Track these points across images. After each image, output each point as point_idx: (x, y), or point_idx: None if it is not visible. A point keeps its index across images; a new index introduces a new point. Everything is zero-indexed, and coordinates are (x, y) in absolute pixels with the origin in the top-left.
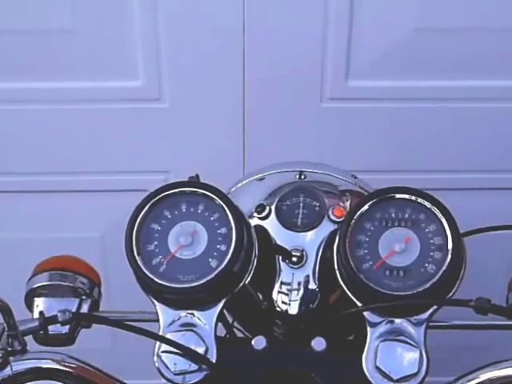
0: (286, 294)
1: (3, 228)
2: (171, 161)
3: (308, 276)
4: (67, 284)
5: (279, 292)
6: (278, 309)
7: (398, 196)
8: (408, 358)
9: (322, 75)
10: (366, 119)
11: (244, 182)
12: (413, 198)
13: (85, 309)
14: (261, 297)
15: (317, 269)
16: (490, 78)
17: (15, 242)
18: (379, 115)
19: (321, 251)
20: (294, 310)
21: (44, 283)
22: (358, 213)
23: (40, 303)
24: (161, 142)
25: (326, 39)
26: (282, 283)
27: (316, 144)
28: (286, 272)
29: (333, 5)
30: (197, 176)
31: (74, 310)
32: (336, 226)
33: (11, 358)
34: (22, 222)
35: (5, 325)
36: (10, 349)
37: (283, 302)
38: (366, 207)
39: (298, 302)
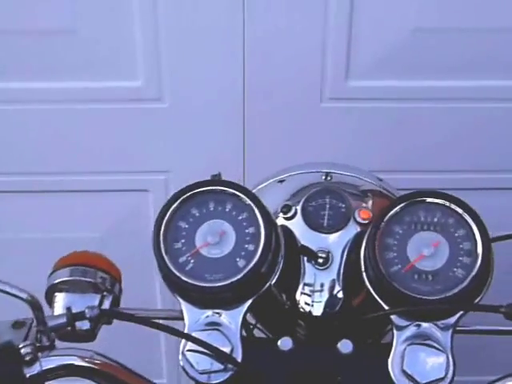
0: (311, 296)
1: (3, 228)
2: (171, 161)
3: (333, 278)
4: (89, 280)
5: (303, 293)
6: (302, 310)
7: (428, 200)
8: (435, 363)
9: (321, 75)
10: (366, 119)
11: (269, 181)
12: (443, 202)
13: (106, 305)
14: (285, 297)
15: (342, 271)
16: (490, 78)
17: (15, 242)
18: (379, 115)
19: (346, 253)
20: (318, 311)
21: (65, 278)
22: (388, 215)
23: (61, 298)
24: (161, 141)
25: (325, 39)
26: (306, 284)
27: (316, 144)
28: (310, 273)
29: (333, 5)
30: (219, 174)
31: (95, 305)
32: (362, 228)
33: (39, 354)
34: (22, 221)
35: (34, 320)
36: (38, 345)
37: (307, 303)
38: (395, 210)
39: (322, 304)
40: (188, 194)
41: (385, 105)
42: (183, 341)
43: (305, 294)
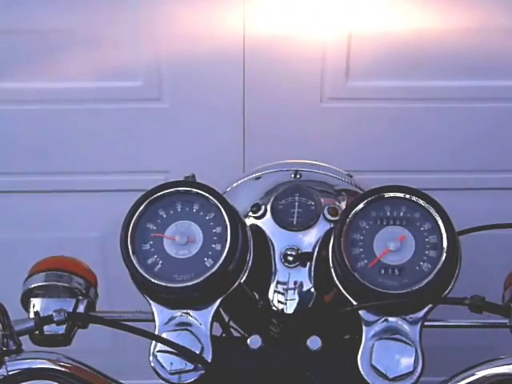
0: (282, 294)
1: (3, 228)
2: (171, 161)
3: (304, 275)
4: (63, 284)
5: (275, 291)
6: (274, 308)
7: (392, 194)
8: (403, 357)
9: (322, 75)
10: (366, 119)
11: (240, 181)
12: (407, 196)
13: (81, 309)
14: (257, 296)
15: (312, 268)
16: (490, 78)
17: (15, 242)
18: (379, 115)
19: (316, 250)
20: (290, 309)
21: (40, 283)
22: (353, 211)
23: (36, 303)
24: (161, 141)
25: (326, 39)
26: (277, 282)
27: (316, 144)
28: (281, 271)
29: (333, 5)
30: (193, 176)
31: (70, 310)
32: (331, 225)
33: (6, 357)
34: (22, 222)
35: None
36: (4, 348)
37: (279, 302)
38: (360, 206)
39: (293, 302)
40: (155, 196)
41: (385, 105)
42: (153, 342)
43: (276, 291)
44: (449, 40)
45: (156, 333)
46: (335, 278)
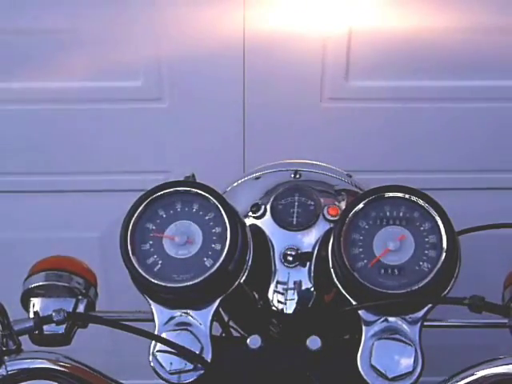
0: (282, 294)
1: (3, 228)
2: (171, 161)
3: (304, 275)
4: (63, 284)
5: (275, 291)
6: (273, 308)
7: (392, 194)
8: (403, 357)
9: (322, 75)
10: (366, 119)
11: (240, 181)
12: (407, 196)
13: (81, 309)
14: (257, 296)
15: (312, 268)
16: (490, 78)
17: (15, 242)
18: (379, 115)
19: (316, 250)
20: (289, 309)
21: (40, 283)
22: (353, 211)
23: (36, 303)
24: (161, 141)
25: (326, 39)
26: (277, 282)
27: (316, 144)
28: (281, 271)
29: (333, 4)
30: (193, 175)
31: (69, 309)
32: (331, 225)
33: (6, 357)
34: (22, 221)
35: None
36: (4, 348)
37: (279, 301)
38: (360, 206)
39: (293, 301)
40: (154, 196)
41: (385, 105)
42: (153, 342)
43: (276, 291)
44: (450, 40)
45: (156, 333)
46: (335, 278)
